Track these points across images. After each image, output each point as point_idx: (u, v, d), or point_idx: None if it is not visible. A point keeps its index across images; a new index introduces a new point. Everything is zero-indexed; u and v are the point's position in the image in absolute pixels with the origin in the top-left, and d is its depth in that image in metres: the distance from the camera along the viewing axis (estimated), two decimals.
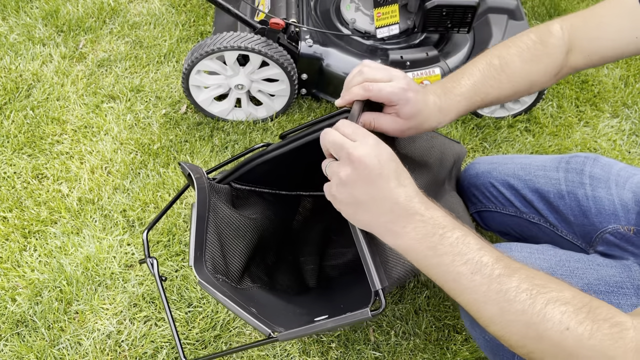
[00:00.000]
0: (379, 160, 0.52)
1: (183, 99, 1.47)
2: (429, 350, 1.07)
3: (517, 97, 0.76)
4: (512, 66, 0.72)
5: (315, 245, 1.05)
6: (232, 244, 0.81)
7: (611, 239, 0.80)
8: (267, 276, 0.91)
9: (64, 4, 1.68)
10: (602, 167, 0.84)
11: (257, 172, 0.84)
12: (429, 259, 0.52)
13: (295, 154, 0.78)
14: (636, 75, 1.61)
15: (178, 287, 1.12)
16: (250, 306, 0.67)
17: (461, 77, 0.71)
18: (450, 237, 0.51)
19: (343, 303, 0.78)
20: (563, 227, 0.87)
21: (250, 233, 0.86)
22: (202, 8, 1.71)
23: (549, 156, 0.93)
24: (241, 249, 0.83)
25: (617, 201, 0.80)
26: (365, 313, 0.57)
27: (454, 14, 1.29)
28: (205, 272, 0.70)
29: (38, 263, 1.14)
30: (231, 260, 0.80)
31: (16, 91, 1.45)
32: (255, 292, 0.82)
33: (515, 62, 0.72)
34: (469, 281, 0.49)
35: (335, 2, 1.50)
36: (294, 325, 0.64)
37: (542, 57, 0.73)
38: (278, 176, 0.92)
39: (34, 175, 1.29)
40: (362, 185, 0.53)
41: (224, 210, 0.81)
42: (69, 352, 1.03)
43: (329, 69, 1.36)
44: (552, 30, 0.74)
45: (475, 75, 0.71)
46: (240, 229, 0.84)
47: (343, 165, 0.54)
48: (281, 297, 0.84)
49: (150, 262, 0.75)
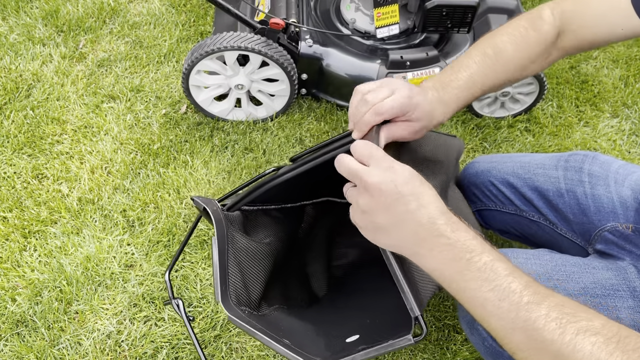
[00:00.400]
0: (395, 185, 0.51)
1: (183, 99, 1.47)
2: (429, 350, 1.07)
3: (512, 83, 0.77)
4: (505, 54, 0.73)
5: (322, 248, 1.05)
6: (251, 273, 0.81)
7: (610, 237, 0.80)
8: (281, 294, 0.91)
9: (64, 4, 1.68)
10: (601, 164, 0.84)
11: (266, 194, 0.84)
12: (456, 283, 0.50)
13: (306, 176, 0.78)
14: (636, 75, 1.61)
15: (178, 287, 1.12)
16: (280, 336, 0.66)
17: (458, 71, 0.72)
18: (478, 262, 0.49)
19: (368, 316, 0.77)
20: (562, 225, 0.87)
21: (266, 259, 0.86)
22: (202, 8, 1.71)
23: (548, 154, 0.93)
24: (260, 276, 0.83)
25: (616, 199, 0.80)
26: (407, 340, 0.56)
27: (454, 14, 1.29)
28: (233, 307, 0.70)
29: (38, 263, 1.14)
30: (252, 288, 0.80)
31: (16, 91, 1.45)
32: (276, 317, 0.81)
33: (508, 50, 0.73)
34: (496, 308, 0.48)
35: (335, 2, 1.50)
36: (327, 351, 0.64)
37: (534, 42, 0.73)
38: (286, 194, 0.92)
39: (34, 175, 1.29)
40: (381, 212, 0.52)
41: (241, 241, 0.81)
42: (69, 352, 1.03)
43: (329, 69, 1.36)
44: (543, 16, 0.75)
45: (471, 67, 0.72)
46: (257, 256, 0.84)
47: (360, 193, 0.54)
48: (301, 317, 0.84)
49: (176, 304, 0.74)
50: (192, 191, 1.27)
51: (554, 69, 1.61)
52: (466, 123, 1.45)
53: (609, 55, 1.67)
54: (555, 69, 1.61)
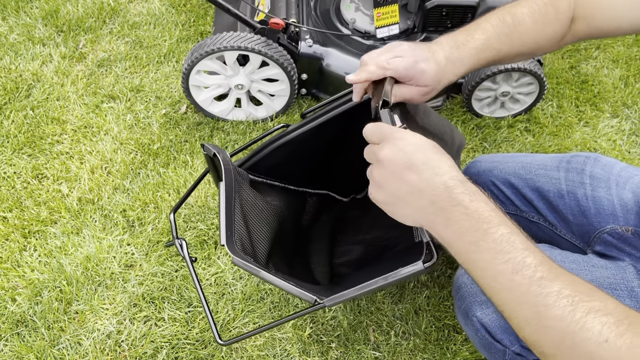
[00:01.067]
0: (405, 153, 0.52)
1: (183, 99, 1.47)
2: (428, 350, 1.07)
3: (522, 58, 0.76)
4: (523, 25, 0.72)
5: (324, 243, 1.06)
6: (257, 228, 0.81)
7: (609, 239, 0.80)
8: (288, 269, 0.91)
9: (64, 4, 1.68)
10: (603, 167, 0.84)
11: (273, 158, 0.85)
12: (470, 253, 0.50)
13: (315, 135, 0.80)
14: (636, 75, 1.61)
15: (178, 287, 1.12)
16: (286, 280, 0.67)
17: (474, 31, 0.72)
18: (495, 233, 0.49)
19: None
20: (562, 227, 0.87)
21: (272, 218, 0.86)
22: (202, 8, 1.71)
23: (550, 155, 0.93)
24: (265, 234, 0.83)
25: (616, 201, 0.80)
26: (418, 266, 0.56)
27: (454, 14, 1.29)
28: (238, 251, 0.70)
29: (38, 263, 1.14)
30: (257, 244, 0.80)
31: (16, 91, 1.45)
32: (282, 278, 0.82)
33: (527, 21, 0.73)
34: (508, 280, 0.47)
35: (335, 2, 1.50)
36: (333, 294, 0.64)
37: (552, 20, 0.73)
38: (290, 168, 0.93)
39: (34, 175, 1.29)
40: (395, 181, 0.53)
41: (248, 193, 0.81)
42: (68, 352, 1.03)
43: (329, 69, 1.36)
44: None
45: (488, 30, 0.72)
46: (263, 212, 0.84)
47: (375, 168, 0.55)
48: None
49: (179, 243, 0.75)
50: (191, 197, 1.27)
51: (554, 68, 1.61)
52: (466, 123, 1.45)
53: (609, 55, 1.67)
54: (555, 68, 1.61)
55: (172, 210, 0.79)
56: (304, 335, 1.07)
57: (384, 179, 0.53)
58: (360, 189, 1.17)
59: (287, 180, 0.99)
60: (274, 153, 0.85)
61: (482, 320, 0.74)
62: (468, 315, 0.77)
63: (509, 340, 0.72)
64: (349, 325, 1.09)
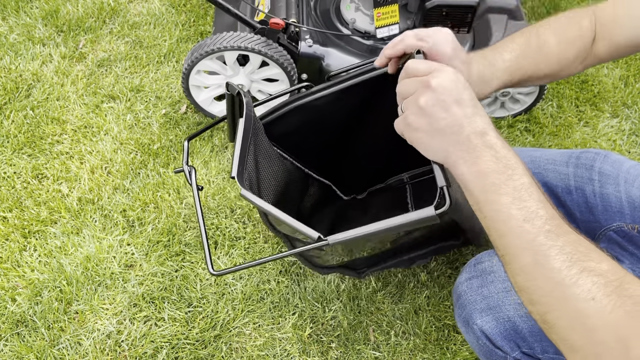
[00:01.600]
0: (456, 85, 0.53)
1: (183, 99, 1.47)
2: (428, 350, 1.07)
3: (548, 80, 0.77)
4: (548, 45, 0.73)
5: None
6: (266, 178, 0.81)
7: (614, 237, 0.79)
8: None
9: (64, 4, 1.68)
10: (612, 163, 0.84)
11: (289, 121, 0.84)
12: (488, 194, 0.52)
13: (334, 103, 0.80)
14: (636, 75, 1.61)
15: (178, 287, 1.12)
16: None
17: (503, 51, 0.72)
18: (517, 180, 0.51)
19: None
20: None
21: (280, 174, 0.86)
22: (202, 8, 1.71)
23: (559, 150, 0.93)
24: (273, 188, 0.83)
25: (624, 198, 0.79)
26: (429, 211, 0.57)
27: (454, 14, 1.29)
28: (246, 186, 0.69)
29: (38, 263, 1.14)
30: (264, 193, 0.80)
31: (16, 91, 1.45)
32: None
33: (551, 41, 0.73)
34: (517, 226, 0.49)
35: (335, 2, 1.50)
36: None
37: (576, 38, 0.74)
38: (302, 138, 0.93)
39: (34, 175, 1.29)
40: (440, 110, 0.53)
41: (263, 141, 0.81)
42: (69, 352, 1.03)
43: (329, 69, 1.36)
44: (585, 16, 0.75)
45: (515, 50, 0.73)
46: (274, 164, 0.84)
47: (422, 93, 0.55)
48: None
49: (187, 170, 0.75)
50: (190, 191, 1.27)
51: None
52: None
53: None
54: None
55: (187, 138, 0.79)
56: (304, 335, 1.07)
57: (429, 104, 0.54)
58: (362, 190, 1.17)
59: (297, 156, 0.98)
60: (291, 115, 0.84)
61: (483, 327, 0.74)
62: (469, 323, 0.77)
63: (510, 347, 0.73)
64: (349, 325, 1.09)
